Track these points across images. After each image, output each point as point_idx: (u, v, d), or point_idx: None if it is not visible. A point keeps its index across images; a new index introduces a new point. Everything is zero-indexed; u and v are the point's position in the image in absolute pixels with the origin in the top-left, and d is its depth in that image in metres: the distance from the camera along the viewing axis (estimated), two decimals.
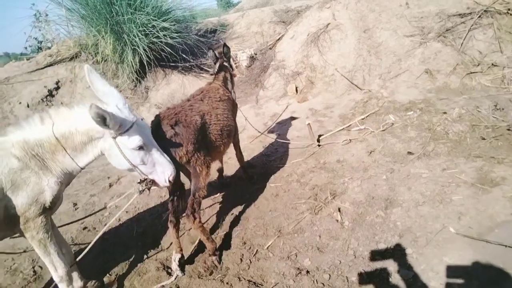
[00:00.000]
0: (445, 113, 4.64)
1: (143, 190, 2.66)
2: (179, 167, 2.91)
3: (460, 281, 2.44)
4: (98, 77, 2.45)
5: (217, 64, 3.96)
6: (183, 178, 3.19)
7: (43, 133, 2.38)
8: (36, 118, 2.41)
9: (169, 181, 2.63)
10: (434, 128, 4.43)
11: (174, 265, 3.09)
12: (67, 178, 2.58)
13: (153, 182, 2.67)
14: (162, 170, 2.60)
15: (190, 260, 3.29)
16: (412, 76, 5.84)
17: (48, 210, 2.47)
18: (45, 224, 2.48)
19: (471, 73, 5.43)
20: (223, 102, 3.58)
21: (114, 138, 2.40)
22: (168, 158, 2.63)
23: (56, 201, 2.51)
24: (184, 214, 3.03)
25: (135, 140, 2.41)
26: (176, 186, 3.10)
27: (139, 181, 2.66)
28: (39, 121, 2.39)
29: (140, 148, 2.45)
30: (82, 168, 2.57)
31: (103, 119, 2.21)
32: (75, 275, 2.90)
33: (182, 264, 3.13)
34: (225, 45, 3.98)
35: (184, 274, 3.09)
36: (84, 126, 2.39)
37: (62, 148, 2.41)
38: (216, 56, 3.98)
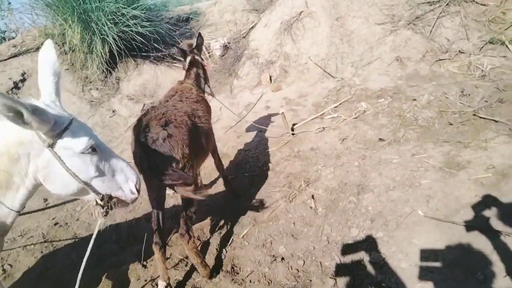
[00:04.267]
0: (414, 99, 4.75)
1: (107, 212, 1.93)
2: (169, 176, 2.39)
3: (427, 261, 2.53)
4: (54, 59, 1.85)
5: (188, 60, 3.50)
6: None
7: None
8: None
9: (137, 190, 1.97)
10: (404, 114, 4.53)
11: None
12: None
13: (116, 200, 1.95)
14: (125, 179, 1.91)
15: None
16: (383, 64, 5.93)
17: None
18: None
19: (440, 60, 5.56)
20: (199, 104, 3.17)
21: (51, 145, 1.65)
22: (127, 162, 1.99)
23: None
24: (179, 233, 2.66)
25: (84, 139, 1.71)
26: (161, 199, 2.75)
27: (96, 202, 1.90)
28: None
29: (93, 150, 1.75)
30: (18, 212, 1.80)
31: (16, 113, 1.48)
32: None
33: None
34: (200, 35, 3.59)
35: None
36: (2, 142, 1.64)
37: None
38: (184, 51, 3.54)
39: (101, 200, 1.87)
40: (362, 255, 2.75)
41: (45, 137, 1.63)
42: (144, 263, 3.18)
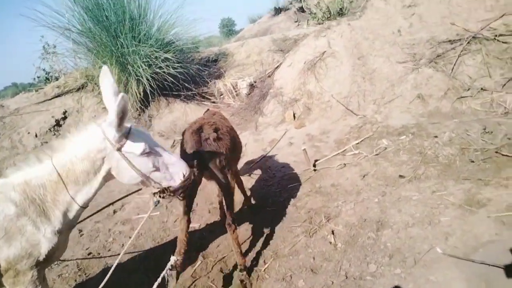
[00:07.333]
0: (436, 137, 4.81)
1: (158, 201, 2.54)
2: (217, 172, 3.01)
3: None
4: (111, 81, 2.32)
5: None
6: None
7: (43, 170, 2.19)
8: (32, 157, 2.22)
9: (187, 178, 2.43)
10: (425, 151, 4.59)
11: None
12: (68, 224, 2.33)
13: (169, 190, 2.47)
14: (177, 170, 2.40)
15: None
16: (405, 101, 6.05)
17: (42, 264, 2.20)
18: (36, 278, 2.20)
19: (462, 97, 5.63)
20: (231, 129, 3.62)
21: (119, 149, 2.21)
22: (178, 157, 2.56)
23: (53, 253, 2.23)
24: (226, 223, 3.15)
25: (141, 144, 2.23)
26: (194, 188, 3.17)
27: (154, 191, 2.49)
28: (36, 159, 2.21)
29: (149, 152, 2.26)
30: (84, 207, 2.37)
31: (124, 116, 2.13)
32: None
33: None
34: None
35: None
36: (83, 150, 2.21)
37: (63, 185, 2.20)
38: None
39: (157, 190, 2.47)
40: None
41: (115, 143, 2.19)
42: None
